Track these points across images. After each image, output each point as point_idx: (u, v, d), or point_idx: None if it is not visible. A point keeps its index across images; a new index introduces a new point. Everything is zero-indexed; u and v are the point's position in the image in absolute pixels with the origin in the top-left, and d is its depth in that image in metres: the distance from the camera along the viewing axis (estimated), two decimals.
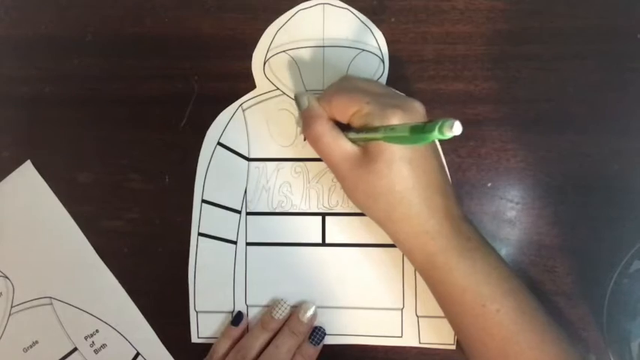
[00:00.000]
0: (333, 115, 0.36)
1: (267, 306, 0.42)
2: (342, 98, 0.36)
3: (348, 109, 0.35)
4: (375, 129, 0.33)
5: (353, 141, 0.36)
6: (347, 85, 0.37)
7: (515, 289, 0.35)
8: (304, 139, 0.42)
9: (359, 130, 0.35)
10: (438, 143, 0.41)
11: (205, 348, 0.42)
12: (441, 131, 0.26)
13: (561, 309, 0.40)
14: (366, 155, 0.35)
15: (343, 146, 0.35)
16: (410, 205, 0.34)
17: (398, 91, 0.37)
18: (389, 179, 0.34)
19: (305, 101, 0.37)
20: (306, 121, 0.37)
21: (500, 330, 0.34)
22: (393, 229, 0.36)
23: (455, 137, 0.40)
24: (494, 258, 0.35)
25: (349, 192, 0.37)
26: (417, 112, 0.35)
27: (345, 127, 0.36)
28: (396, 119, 0.33)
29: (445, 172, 0.37)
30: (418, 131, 0.28)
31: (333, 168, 0.37)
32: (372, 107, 0.34)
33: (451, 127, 0.26)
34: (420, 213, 0.34)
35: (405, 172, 0.34)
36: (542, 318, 0.35)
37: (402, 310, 0.41)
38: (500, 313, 0.34)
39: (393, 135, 0.32)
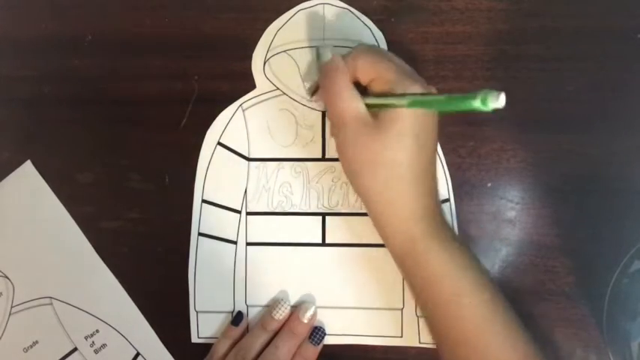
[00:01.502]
0: (356, 75, 0.36)
1: (267, 306, 0.42)
2: (369, 58, 0.36)
3: (373, 71, 0.35)
4: (399, 95, 0.33)
5: (368, 106, 0.35)
6: (375, 49, 0.38)
7: (488, 285, 0.35)
8: (311, 96, 0.42)
9: (378, 95, 0.35)
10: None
11: (205, 348, 0.42)
12: (484, 102, 0.26)
13: (561, 309, 0.40)
14: (378, 122, 0.34)
15: (358, 107, 0.35)
16: (410, 180, 0.34)
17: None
18: (394, 151, 0.34)
19: (329, 53, 0.37)
20: (327, 74, 0.36)
21: (471, 322, 0.34)
22: (377, 206, 0.36)
23: (456, 136, 0.41)
24: (471, 254, 0.36)
25: (349, 157, 0.36)
26: (432, 91, 0.35)
27: (362, 92, 0.36)
28: (416, 90, 0.34)
29: (435, 159, 0.37)
30: (455, 101, 0.28)
31: (341, 129, 0.35)
32: (395, 76, 0.34)
33: (497, 98, 0.26)
34: (410, 192, 0.34)
35: (409, 144, 0.34)
36: (511, 316, 0.35)
37: (402, 310, 0.41)
38: (473, 306, 0.34)
39: (423, 100, 0.31)
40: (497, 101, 0.26)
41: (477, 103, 0.26)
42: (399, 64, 0.36)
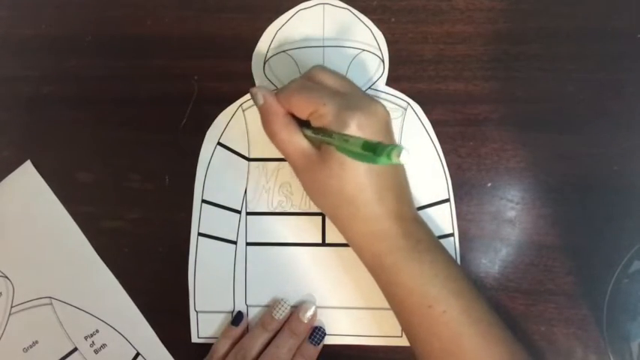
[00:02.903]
0: (293, 111, 0.36)
1: (267, 306, 0.42)
2: (300, 98, 0.35)
3: (306, 109, 0.35)
4: (329, 134, 0.33)
5: (309, 139, 0.36)
6: (307, 83, 0.36)
7: (462, 290, 0.35)
8: None
9: (315, 130, 0.35)
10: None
11: (205, 348, 0.42)
12: (389, 156, 0.26)
13: (561, 309, 0.40)
14: (320, 154, 0.35)
15: (298, 143, 0.36)
16: (359, 206, 0.34)
17: (365, 92, 0.37)
18: (339, 179, 0.34)
19: (260, 98, 0.36)
20: (263, 117, 0.37)
21: (447, 331, 0.34)
22: (341, 227, 0.37)
23: (456, 136, 0.41)
24: (444, 259, 0.36)
25: (304, 187, 0.37)
26: (378, 115, 0.34)
27: (305, 123, 0.36)
28: (352, 123, 0.33)
29: (403, 173, 0.37)
30: (369, 149, 0.28)
31: (289, 163, 0.37)
32: (328, 109, 0.34)
33: (399, 154, 0.26)
34: (369, 215, 0.34)
35: (356, 174, 0.34)
36: (489, 319, 0.35)
37: None
38: (447, 314, 0.34)
39: (345, 146, 0.31)
40: (400, 157, 0.26)
41: (382, 159, 0.27)
42: (340, 94, 0.35)
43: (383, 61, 0.42)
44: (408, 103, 0.42)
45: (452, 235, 0.41)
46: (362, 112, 0.33)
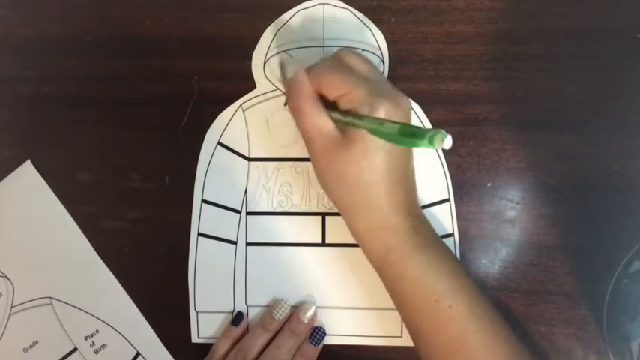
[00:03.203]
0: (321, 91, 0.36)
1: (267, 306, 0.42)
2: (332, 77, 0.35)
3: (337, 90, 0.35)
4: (360, 116, 0.33)
5: (335, 121, 0.35)
6: (339, 65, 0.36)
7: (467, 287, 0.35)
8: (284, 104, 0.41)
9: (344, 112, 0.35)
10: None
11: (205, 348, 0.42)
12: (431, 141, 0.26)
13: (561, 309, 0.40)
14: (344, 138, 0.34)
15: (323, 124, 0.35)
16: (373, 196, 0.34)
17: (390, 83, 0.37)
18: (359, 167, 0.34)
19: (292, 67, 0.36)
20: (290, 91, 0.36)
21: (452, 326, 0.34)
22: (349, 218, 0.36)
23: (456, 136, 0.41)
24: (448, 256, 0.36)
25: (318, 170, 0.36)
26: (403, 108, 0.34)
27: (330, 105, 0.36)
28: (382, 110, 0.33)
29: (413, 169, 0.37)
30: (407, 134, 0.28)
31: (308, 144, 0.36)
32: (360, 93, 0.34)
33: (442, 139, 0.25)
34: (382, 207, 0.35)
35: (377, 163, 0.34)
36: (493, 316, 0.35)
37: None
38: (452, 309, 0.34)
39: (380, 129, 0.31)
40: (443, 143, 0.25)
41: (424, 143, 0.26)
42: (370, 79, 0.35)
43: (383, 61, 0.42)
44: None
45: (452, 235, 0.41)
46: (390, 101, 0.33)
